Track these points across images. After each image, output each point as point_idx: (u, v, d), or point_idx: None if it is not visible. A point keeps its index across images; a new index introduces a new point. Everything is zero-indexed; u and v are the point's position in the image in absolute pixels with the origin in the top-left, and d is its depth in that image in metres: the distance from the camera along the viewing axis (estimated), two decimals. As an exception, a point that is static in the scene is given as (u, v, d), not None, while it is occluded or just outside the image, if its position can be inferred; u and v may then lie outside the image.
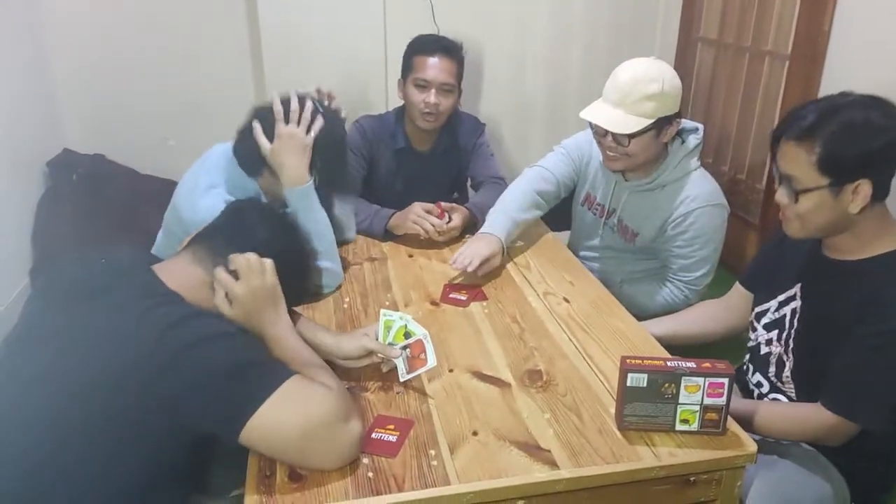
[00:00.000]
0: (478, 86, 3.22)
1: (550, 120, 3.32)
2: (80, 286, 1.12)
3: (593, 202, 2.09)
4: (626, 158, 1.84)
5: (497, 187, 2.29)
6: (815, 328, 1.41)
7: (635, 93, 1.75)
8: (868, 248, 1.34)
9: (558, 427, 1.24)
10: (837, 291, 1.36)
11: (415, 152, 2.35)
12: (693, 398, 1.18)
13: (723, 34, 2.94)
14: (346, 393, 1.17)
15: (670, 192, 1.89)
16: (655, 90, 1.74)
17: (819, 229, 1.36)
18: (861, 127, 1.26)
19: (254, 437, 1.05)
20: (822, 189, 1.29)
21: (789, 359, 1.46)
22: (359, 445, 1.13)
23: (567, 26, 3.20)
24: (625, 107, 1.76)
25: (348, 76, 3.05)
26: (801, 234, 1.37)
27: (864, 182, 1.27)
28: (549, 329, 1.58)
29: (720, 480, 1.20)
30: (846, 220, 1.32)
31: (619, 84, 1.78)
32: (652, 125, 1.77)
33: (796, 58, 2.45)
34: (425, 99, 2.19)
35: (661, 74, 1.76)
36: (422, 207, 2.04)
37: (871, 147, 1.25)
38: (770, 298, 1.52)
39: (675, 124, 1.83)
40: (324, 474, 1.11)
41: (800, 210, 1.33)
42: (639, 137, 1.78)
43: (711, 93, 3.03)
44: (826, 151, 1.26)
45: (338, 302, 1.72)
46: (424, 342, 1.32)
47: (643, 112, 1.75)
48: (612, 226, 2.03)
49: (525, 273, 1.88)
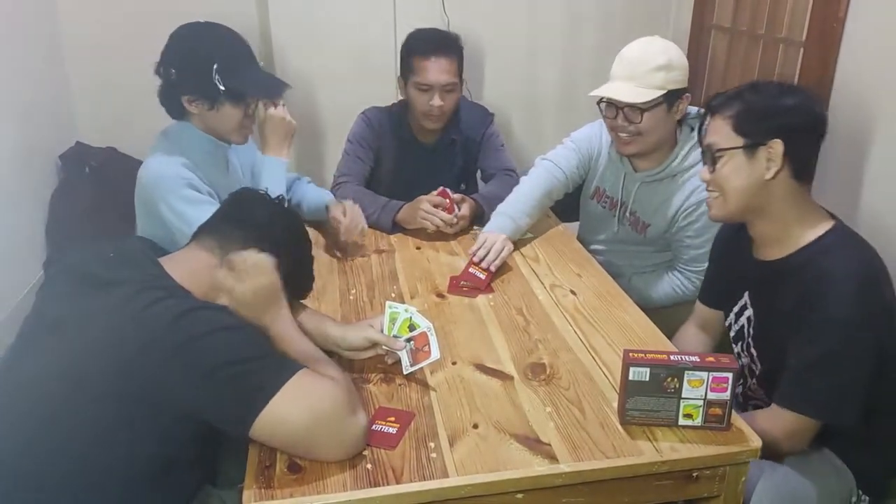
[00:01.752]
0: (488, 76, 3.19)
1: (562, 110, 3.29)
2: (90, 278, 1.13)
3: (602, 195, 2.07)
4: (638, 140, 1.83)
5: (508, 179, 2.27)
6: (768, 332, 1.42)
7: (644, 64, 1.77)
8: (793, 239, 1.36)
9: (560, 421, 1.23)
10: (777, 292, 1.37)
11: (421, 145, 2.34)
12: (696, 393, 1.17)
13: (736, 21, 2.89)
14: (351, 385, 1.18)
15: (681, 182, 1.88)
16: (664, 61, 1.76)
17: (739, 200, 1.36)
18: (774, 89, 1.35)
19: (262, 431, 1.06)
20: (737, 149, 1.33)
21: (758, 366, 1.46)
22: (365, 437, 1.14)
23: (579, 15, 3.16)
24: (635, 80, 1.77)
25: (358, 67, 3.04)
26: (722, 210, 1.39)
27: (776, 142, 1.30)
28: (555, 321, 1.57)
29: (723, 476, 1.18)
30: (764, 191, 1.33)
31: (628, 59, 1.81)
32: (663, 97, 1.77)
33: (811, 45, 2.40)
34: (429, 102, 2.18)
35: (667, 47, 1.80)
36: (429, 202, 2.02)
37: (783, 105, 1.32)
38: (729, 311, 1.54)
39: (685, 99, 1.83)
40: (322, 466, 1.11)
41: (718, 176, 1.36)
42: (651, 112, 1.78)
43: (725, 81, 2.98)
44: (740, 111, 1.33)
45: (344, 294, 1.72)
46: (428, 335, 1.32)
47: (654, 83, 1.76)
48: (624, 219, 2.02)
49: (533, 265, 1.87)
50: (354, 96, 2.70)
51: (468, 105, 2.41)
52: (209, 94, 1.65)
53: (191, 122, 1.72)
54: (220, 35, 1.71)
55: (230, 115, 1.69)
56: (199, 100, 1.67)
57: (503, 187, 2.24)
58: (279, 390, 1.05)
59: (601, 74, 2.03)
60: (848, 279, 1.25)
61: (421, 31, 2.27)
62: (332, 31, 3.01)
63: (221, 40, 1.69)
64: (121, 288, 1.09)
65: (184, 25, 1.71)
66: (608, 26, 3.17)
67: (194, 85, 1.65)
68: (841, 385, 1.27)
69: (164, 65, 1.67)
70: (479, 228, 2.09)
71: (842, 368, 1.27)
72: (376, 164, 2.31)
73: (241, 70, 1.68)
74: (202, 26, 1.71)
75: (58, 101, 3.07)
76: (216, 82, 1.63)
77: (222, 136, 1.75)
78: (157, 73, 1.69)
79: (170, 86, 1.68)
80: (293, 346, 1.21)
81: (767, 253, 1.41)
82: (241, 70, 1.68)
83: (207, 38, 1.69)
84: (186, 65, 1.65)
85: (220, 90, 1.64)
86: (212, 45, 1.67)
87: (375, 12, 2.99)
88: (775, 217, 1.36)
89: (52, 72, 3.02)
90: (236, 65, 1.67)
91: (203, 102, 1.67)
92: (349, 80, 3.03)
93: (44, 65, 2.95)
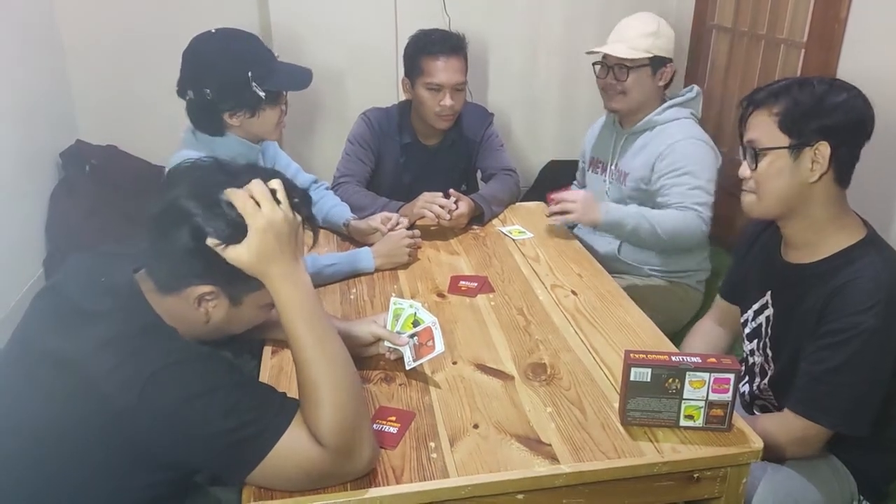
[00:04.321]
0: (488, 76, 3.20)
1: (561, 110, 3.30)
2: (74, 307, 1.07)
3: (596, 163, 2.31)
4: (623, 98, 2.09)
5: (508, 179, 2.28)
6: (786, 334, 1.39)
7: (634, 29, 2.07)
8: (825, 245, 1.32)
9: (560, 421, 1.23)
10: (802, 296, 1.34)
11: (422, 146, 2.33)
12: (698, 394, 1.16)
13: (737, 22, 2.89)
14: (354, 412, 1.05)
15: (658, 132, 2.09)
16: (652, 29, 2.06)
17: (777, 201, 1.31)
18: (824, 89, 1.28)
19: (260, 483, 1.04)
20: (782, 149, 1.28)
21: (771, 367, 1.44)
22: (374, 457, 1.09)
23: (578, 16, 3.17)
24: (624, 41, 2.06)
25: (359, 67, 3.04)
26: (758, 208, 1.35)
27: (823, 144, 1.25)
28: (556, 322, 1.57)
29: (725, 477, 1.18)
30: (804, 193, 1.29)
31: (619, 27, 2.12)
32: (648, 60, 2.04)
33: (812, 45, 2.40)
34: (441, 102, 2.16)
35: (656, 19, 2.09)
36: (429, 194, 2.03)
37: (832, 103, 1.26)
38: (747, 308, 1.51)
39: (670, 68, 2.10)
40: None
41: (759, 175, 1.31)
42: (636, 72, 2.05)
43: (727, 81, 2.99)
44: (787, 109, 1.27)
45: (344, 293, 1.72)
46: (433, 329, 1.32)
47: (641, 46, 2.04)
48: (612, 174, 2.22)
49: (534, 265, 1.87)
50: (355, 97, 2.71)
51: (468, 105, 2.40)
52: (251, 104, 1.62)
53: (229, 133, 1.67)
54: (242, 41, 1.66)
55: (270, 116, 1.67)
56: (240, 111, 1.63)
57: (503, 187, 2.24)
58: (264, 458, 1.00)
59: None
60: (877, 290, 1.22)
61: (428, 32, 2.24)
62: (332, 31, 3.01)
63: (245, 46, 1.65)
64: (99, 324, 1.03)
65: (197, 40, 1.65)
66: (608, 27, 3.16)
67: (235, 99, 1.61)
68: (860, 395, 1.25)
69: (192, 86, 1.62)
70: (478, 227, 2.09)
71: (862, 378, 1.24)
72: (377, 166, 2.30)
73: (272, 69, 1.65)
74: (218, 38, 1.65)
75: (58, 99, 3.07)
76: (255, 90, 1.60)
77: (260, 138, 1.72)
78: (180, 96, 1.64)
79: (205, 106, 1.62)
80: (307, 305, 1.07)
81: (797, 256, 1.37)
82: (272, 69, 1.65)
83: (233, 49, 1.64)
84: (224, 82, 1.60)
85: (261, 97, 1.61)
86: (239, 55, 1.62)
87: (376, 12, 3.00)
88: (811, 220, 1.32)
89: (53, 69, 3.02)
90: (266, 66, 1.65)
91: (245, 112, 1.63)
92: (350, 80, 3.04)
93: (44, 62, 2.95)
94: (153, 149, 3.16)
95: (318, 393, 1.03)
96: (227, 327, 1.14)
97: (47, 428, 1.01)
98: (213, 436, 0.98)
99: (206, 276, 1.06)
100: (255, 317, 1.16)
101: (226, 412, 0.98)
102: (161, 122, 3.25)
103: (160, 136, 3.17)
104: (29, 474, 1.03)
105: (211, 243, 1.02)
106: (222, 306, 1.10)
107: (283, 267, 1.04)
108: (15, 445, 1.04)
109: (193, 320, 1.09)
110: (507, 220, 2.17)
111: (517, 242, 2.00)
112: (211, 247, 1.02)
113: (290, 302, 1.05)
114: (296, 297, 1.05)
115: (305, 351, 1.05)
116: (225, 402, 0.99)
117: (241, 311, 1.12)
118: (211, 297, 1.08)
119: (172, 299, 1.08)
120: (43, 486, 1.03)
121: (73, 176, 2.98)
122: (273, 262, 1.04)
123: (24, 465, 1.03)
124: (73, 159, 3.00)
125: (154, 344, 1.02)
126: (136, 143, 3.16)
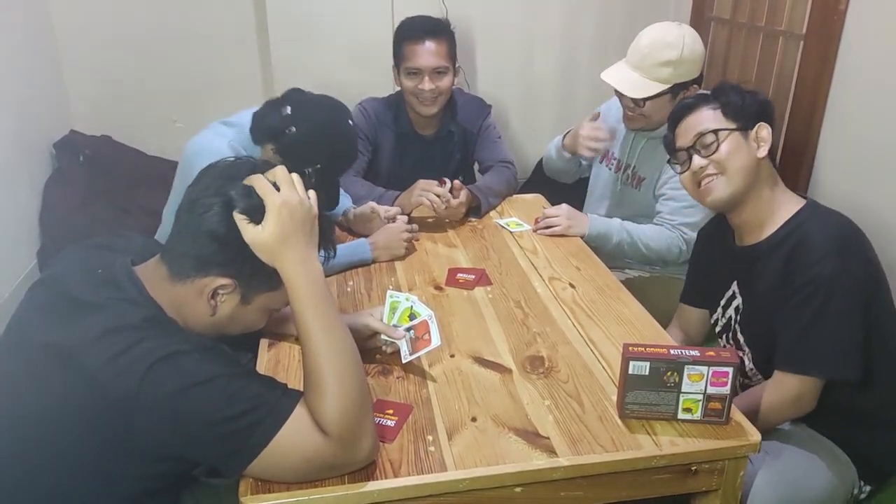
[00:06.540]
0: (486, 67, 3.18)
1: (560, 102, 3.28)
2: (71, 299, 1.06)
3: (611, 158, 2.18)
4: (642, 118, 1.97)
5: (505, 171, 2.27)
6: (757, 315, 1.47)
7: (652, 58, 1.87)
8: (773, 220, 1.44)
9: (558, 414, 1.22)
10: (762, 271, 1.44)
11: (418, 136, 2.32)
12: (696, 387, 1.16)
13: (736, 13, 2.88)
14: (358, 399, 1.05)
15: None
16: (672, 57, 1.86)
17: (744, 176, 1.43)
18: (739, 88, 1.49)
19: (258, 475, 1.03)
20: (734, 131, 1.44)
21: (746, 353, 1.50)
22: (375, 449, 1.08)
23: (578, 6, 3.15)
24: (642, 70, 1.89)
25: (355, 57, 3.01)
26: (727, 187, 1.44)
27: (762, 125, 1.44)
28: (554, 315, 1.56)
29: (722, 470, 1.18)
30: (755, 170, 1.43)
31: (639, 48, 1.91)
32: (667, 90, 1.89)
33: (811, 38, 2.39)
34: (419, 86, 2.16)
35: (680, 41, 1.87)
36: (425, 182, 2.02)
37: (754, 98, 1.47)
38: (716, 306, 1.59)
39: (693, 89, 1.92)
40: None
41: (722, 155, 1.43)
42: (653, 100, 1.91)
43: (725, 73, 2.97)
44: (724, 103, 1.46)
45: (341, 285, 1.72)
46: (429, 322, 1.32)
47: (659, 77, 1.87)
48: (625, 177, 2.11)
49: (531, 258, 1.86)
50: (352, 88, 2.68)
51: (465, 97, 2.40)
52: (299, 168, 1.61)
53: (260, 150, 1.72)
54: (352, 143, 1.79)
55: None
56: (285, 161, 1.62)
57: (500, 179, 2.23)
58: (266, 446, 0.99)
59: (600, 65, 2.03)
60: (827, 240, 1.34)
61: (409, 19, 2.25)
62: (329, 22, 2.98)
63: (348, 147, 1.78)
64: (98, 315, 1.02)
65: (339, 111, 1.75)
66: (608, 17, 3.16)
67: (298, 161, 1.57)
68: (838, 339, 1.32)
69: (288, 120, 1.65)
70: (475, 219, 2.09)
71: (835, 323, 1.31)
72: (374, 156, 2.29)
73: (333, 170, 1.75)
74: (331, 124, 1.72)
75: (52, 89, 3.04)
76: (306, 172, 1.62)
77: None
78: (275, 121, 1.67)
79: (284, 147, 1.66)
80: (317, 293, 1.07)
81: (751, 237, 1.47)
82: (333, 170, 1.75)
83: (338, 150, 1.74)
84: (304, 154, 1.65)
85: (307, 173, 1.62)
86: (337, 153, 1.74)
87: (373, 3, 2.97)
88: (760, 199, 1.44)
89: (47, 59, 2.99)
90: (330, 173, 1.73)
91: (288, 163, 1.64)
92: (347, 71, 3.01)
93: (38, 52, 2.92)
94: (147, 139, 3.15)
95: (323, 380, 1.03)
96: (227, 325, 1.14)
97: (41, 418, 1.01)
98: (214, 423, 0.98)
99: (229, 267, 1.07)
100: (255, 321, 1.17)
101: (227, 400, 0.99)
102: (156, 113, 3.26)
103: (154, 127, 3.19)
104: (22, 463, 1.02)
105: (237, 218, 1.04)
106: (231, 302, 1.11)
107: (297, 251, 1.06)
108: (9, 435, 1.04)
109: (197, 312, 1.09)
110: (504, 213, 2.16)
111: (514, 235, 1.99)
112: (238, 234, 1.04)
113: (302, 287, 1.06)
114: (308, 283, 1.06)
115: (313, 338, 1.05)
116: (226, 390, 0.99)
117: (246, 311, 1.13)
118: (225, 291, 1.08)
119: (181, 288, 1.08)
120: (36, 476, 1.02)
121: (66, 166, 2.95)
122: (288, 245, 1.05)
123: (17, 454, 1.03)
124: (67, 150, 2.97)
125: (155, 334, 1.01)
126: (131, 133, 3.14)
